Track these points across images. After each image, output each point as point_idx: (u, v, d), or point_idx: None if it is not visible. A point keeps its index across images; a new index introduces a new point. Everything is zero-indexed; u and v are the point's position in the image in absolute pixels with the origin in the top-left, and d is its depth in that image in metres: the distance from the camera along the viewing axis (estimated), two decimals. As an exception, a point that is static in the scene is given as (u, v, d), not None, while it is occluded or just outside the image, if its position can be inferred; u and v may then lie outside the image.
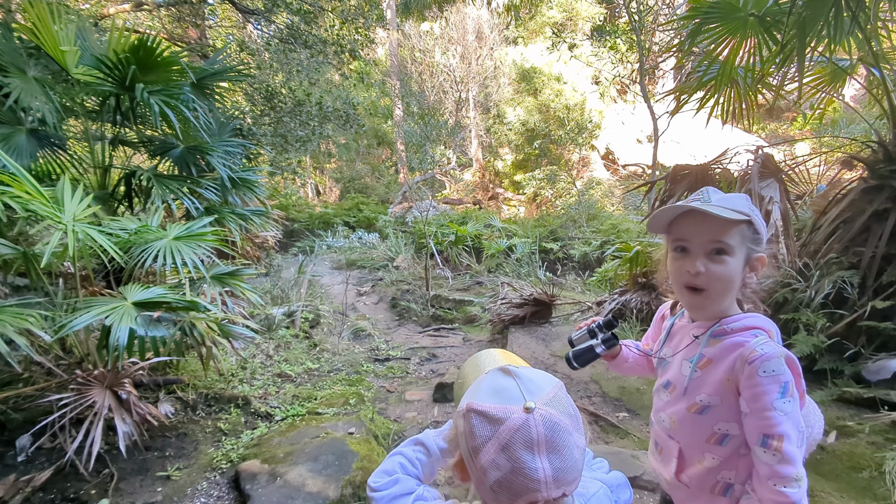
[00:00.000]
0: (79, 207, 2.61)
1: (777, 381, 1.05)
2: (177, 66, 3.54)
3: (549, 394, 0.75)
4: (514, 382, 0.76)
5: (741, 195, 1.14)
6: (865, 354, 3.20)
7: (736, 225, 1.09)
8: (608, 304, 5.04)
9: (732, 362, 1.10)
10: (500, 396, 0.75)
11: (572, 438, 0.72)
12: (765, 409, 1.05)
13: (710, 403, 1.15)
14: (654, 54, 14.30)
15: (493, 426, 0.72)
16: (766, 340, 1.10)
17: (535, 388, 0.75)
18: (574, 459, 0.71)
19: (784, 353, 1.07)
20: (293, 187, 16.63)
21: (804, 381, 1.12)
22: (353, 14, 8.11)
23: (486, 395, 0.76)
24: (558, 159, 15.96)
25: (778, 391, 1.04)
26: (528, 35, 17.67)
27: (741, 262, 1.12)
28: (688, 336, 1.23)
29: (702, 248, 1.12)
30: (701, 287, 1.13)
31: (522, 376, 0.77)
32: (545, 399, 0.73)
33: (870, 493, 2.35)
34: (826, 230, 3.61)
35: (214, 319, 3.01)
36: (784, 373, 1.05)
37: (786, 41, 3.42)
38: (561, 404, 0.74)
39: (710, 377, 1.15)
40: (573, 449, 0.71)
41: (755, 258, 1.14)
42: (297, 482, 2.55)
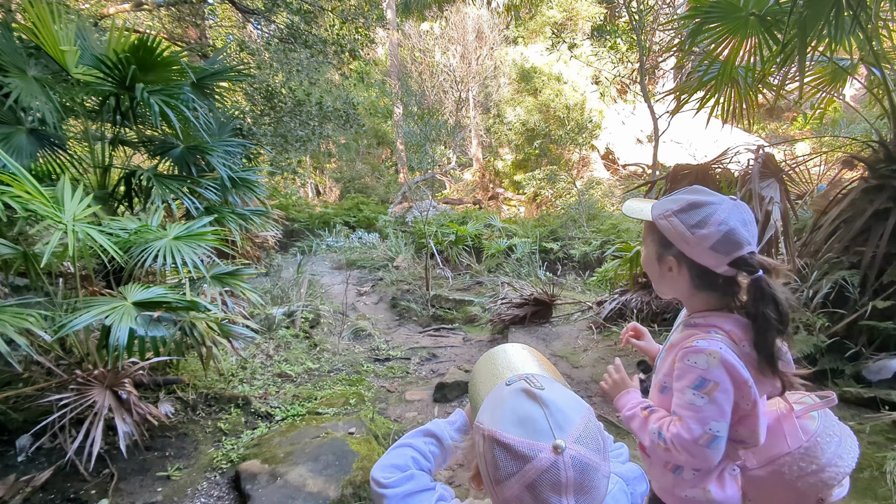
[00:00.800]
0: (79, 207, 2.61)
1: (694, 373, 1.11)
2: (177, 66, 3.54)
3: (579, 426, 0.69)
4: (542, 412, 0.70)
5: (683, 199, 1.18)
6: (866, 354, 3.19)
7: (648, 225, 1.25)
8: (608, 304, 5.04)
9: (678, 349, 1.19)
10: (525, 428, 0.69)
11: (600, 473, 0.69)
12: (678, 391, 1.15)
13: (666, 384, 1.24)
14: (655, 54, 14.30)
15: (518, 463, 0.67)
16: (717, 338, 1.13)
17: (564, 422, 0.69)
18: (600, 493, 0.69)
19: (719, 355, 1.09)
20: (293, 187, 16.62)
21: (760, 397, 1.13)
22: (353, 14, 8.11)
23: (510, 424, 0.70)
24: (558, 159, 15.95)
25: (693, 381, 1.12)
26: (528, 35, 17.66)
27: (651, 255, 1.26)
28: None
29: None
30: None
31: (550, 404, 0.71)
32: (575, 435, 0.68)
33: (871, 493, 2.35)
34: (826, 230, 3.61)
35: (214, 319, 3.01)
36: (706, 370, 1.10)
37: (786, 41, 3.42)
38: (591, 438, 0.69)
39: (667, 359, 1.25)
40: (600, 483, 0.69)
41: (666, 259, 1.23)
42: (297, 482, 2.55)
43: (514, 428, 0.69)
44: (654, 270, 1.27)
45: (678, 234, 1.15)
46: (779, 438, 1.22)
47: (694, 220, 1.13)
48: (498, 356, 0.94)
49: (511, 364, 0.91)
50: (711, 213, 1.13)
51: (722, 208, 1.13)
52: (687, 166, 4.20)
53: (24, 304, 2.43)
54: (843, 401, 3.05)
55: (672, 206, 1.17)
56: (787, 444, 1.21)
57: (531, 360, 0.92)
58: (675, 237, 1.16)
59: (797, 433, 1.21)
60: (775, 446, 1.22)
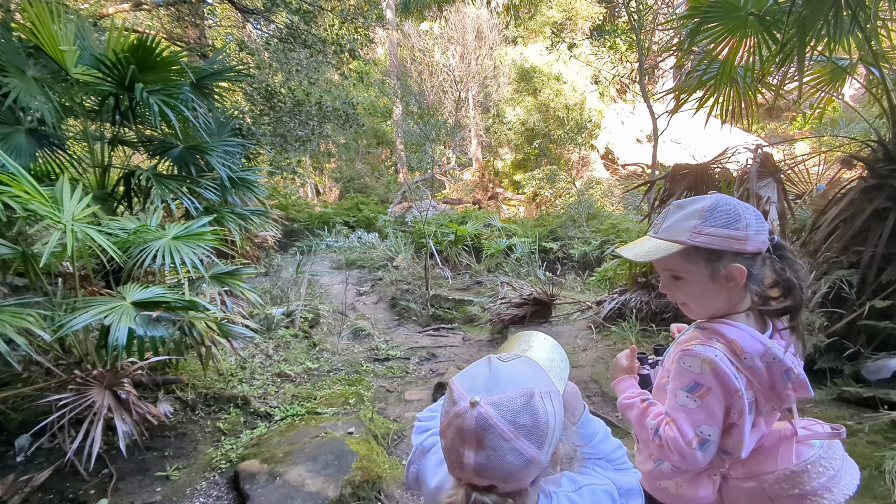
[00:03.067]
0: (78, 207, 2.61)
1: (687, 376, 1.12)
2: (176, 66, 3.54)
3: (505, 397, 0.76)
4: (485, 374, 0.81)
5: (696, 211, 1.14)
6: (865, 354, 3.19)
7: (678, 254, 1.14)
8: (608, 304, 5.04)
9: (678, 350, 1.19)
10: (467, 380, 0.81)
11: (508, 444, 0.74)
12: (672, 392, 1.17)
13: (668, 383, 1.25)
14: (654, 54, 14.30)
15: (449, 404, 0.80)
16: (715, 346, 1.12)
17: (494, 385, 0.78)
18: (504, 462, 0.74)
19: (712, 363, 1.09)
20: (293, 187, 16.60)
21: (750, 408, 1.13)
22: (353, 13, 8.10)
23: (464, 374, 0.84)
24: (558, 159, 15.95)
25: (686, 384, 1.12)
26: (528, 35, 17.65)
27: (702, 280, 1.16)
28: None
29: (662, 275, 1.25)
30: (676, 302, 1.26)
31: (496, 372, 0.81)
32: (495, 399, 0.76)
33: (869, 492, 2.35)
34: (825, 229, 3.61)
35: (214, 319, 3.01)
36: (700, 374, 1.10)
37: (785, 40, 3.42)
38: (511, 411, 0.75)
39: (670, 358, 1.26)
40: (506, 453, 0.74)
41: (723, 273, 1.13)
42: (296, 482, 2.55)
43: (463, 378, 0.83)
44: (709, 292, 1.17)
45: (723, 239, 1.11)
46: (770, 457, 1.20)
47: (724, 220, 1.12)
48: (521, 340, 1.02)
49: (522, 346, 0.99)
50: (724, 206, 1.13)
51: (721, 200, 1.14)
52: (686, 166, 4.20)
53: (24, 304, 2.42)
54: (842, 400, 3.05)
55: (694, 221, 1.13)
56: (776, 463, 1.18)
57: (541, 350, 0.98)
58: (723, 243, 1.11)
59: (790, 456, 1.18)
60: (762, 463, 1.20)
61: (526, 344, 0.99)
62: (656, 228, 1.21)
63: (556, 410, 0.80)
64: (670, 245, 1.14)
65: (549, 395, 0.80)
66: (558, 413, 0.80)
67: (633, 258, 1.22)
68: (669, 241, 1.15)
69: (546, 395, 0.79)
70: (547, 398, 0.79)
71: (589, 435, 1.02)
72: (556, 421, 0.79)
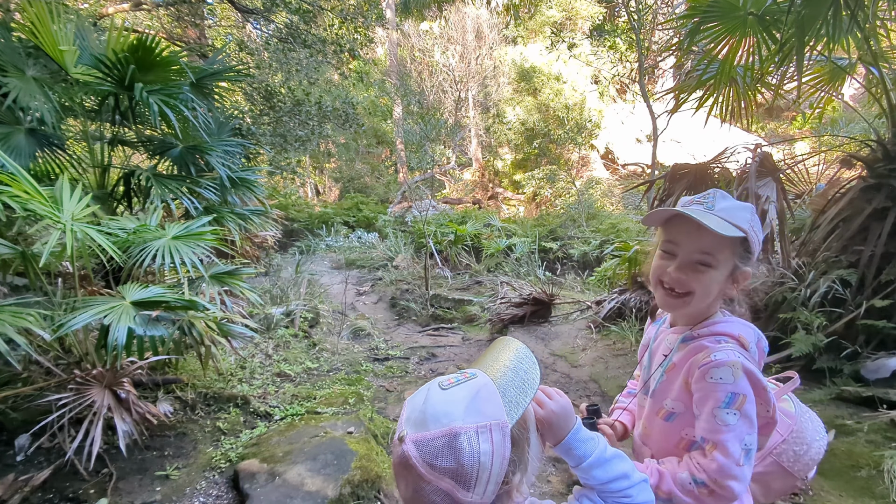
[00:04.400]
0: (77, 207, 2.61)
1: (723, 390, 1.03)
2: (176, 66, 3.54)
3: (427, 435, 0.72)
4: (420, 403, 0.78)
5: (748, 206, 1.12)
6: (864, 353, 3.20)
7: (729, 240, 1.07)
8: (607, 304, 5.05)
9: (689, 365, 1.10)
10: (409, 407, 0.80)
11: (429, 486, 0.71)
12: (708, 414, 1.04)
13: (674, 410, 1.14)
14: (654, 53, 14.30)
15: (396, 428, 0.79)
16: (729, 348, 1.07)
17: (421, 421, 0.75)
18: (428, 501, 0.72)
19: (740, 364, 1.04)
20: (292, 187, 16.59)
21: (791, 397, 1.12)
22: (353, 13, 8.10)
23: (412, 398, 0.82)
24: (558, 159, 15.94)
25: (723, 399, 1.02)
26: (528, 34, 17.65)
27: (724, 276, 1.11)
28: (664, 344, 1.24)
29: (688, 255, 1.12)
30: (677, 291, 1.14)
31: (430, 401, 0.76)
32: (417, 438, 0.73)
33: (868, 491, 2.36)
34: (825, 229, 3.61)
35: (213, 318, 3.01)
36: (734, 383, 1.02)
37: (785, 40, 3.42)
38: (430, 451, 0.71)
39: (674, 382, 1.14)
40: (428, 493, 0.72)
41: (740, 273, 1.12)
42: (295, 481, 2.55)
43: (409, 403, 0.81)
44: (718, 287, 1.13)
45: (759, 243, 1.11)
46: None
47: (760, 226, 1.12)
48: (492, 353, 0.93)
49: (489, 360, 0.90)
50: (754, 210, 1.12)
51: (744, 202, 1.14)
52: (686, 165, 4.20)
53: (23, 304, 2.42)
54: (842, 399, 3.06)
55: (749, 215, 1.10)
56: (778, 431, 1.18)
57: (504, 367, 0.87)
58: (757, 247, 1.11)
59: (783, 420, 1.19)
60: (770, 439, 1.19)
61: (493, 357, 0.90)
62: (708, 205, 1.11)
63: (496, 448, 0.73)
64: (733, 228, 1.06)
65: (489, 429, 0.73)
66: (498, 450, 0.73)
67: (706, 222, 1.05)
68: (732, 223, 1.07)
69: (483, 431, 0.72)
70: (484, 434, 0.72)
71: (579, 456, 0.92)
72: (491, 459, 0.72)
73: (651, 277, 1.21)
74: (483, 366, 0.87)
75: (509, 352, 0.90)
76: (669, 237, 1.16)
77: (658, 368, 1.22)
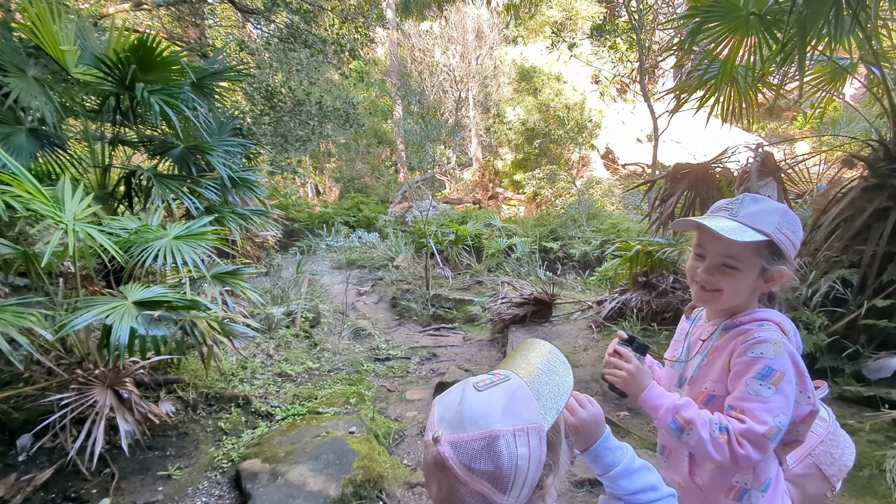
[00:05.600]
0: (79, 207, 2.61)
1: (760, 363, 1.05)
2: (176, 66, 3.54)
3: (465, 437, 0.70)
4: (456, 404, 0.75)
5: (776, 209, 1.14)
6: (865, 353, 3.20)
7: (753, 244, 1.10)
8: (608, 304, 5.04)
9: (733, 345, 1.13)
10: (441, 407, 0.77)
11: (466, 488, 0.69)
12: (741, 385, 1.06)
13: (714, 392, 1.15)
14: (654, 53, 14.29)
15: (427, 427, 0.77)
16: (773, 329, 1.11)
17: (457, 422, 0.72)
18: (463, 502, 0.70)
19: (783, 344, 1.06)
20: (293, 187, 16.60)
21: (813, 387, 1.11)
22: (353, 13, 8.10)
23: (443, 398, 0.79)
24: (558, 159, 15.94)
25: (758, 371, 1.04)
26: (528, 34, 17.64)
27: (752, 276, 1.15)
28: (703, 333, 1.26)
29: (714, 258, 1.17)
30: (709, 289, 1.19)
31: (466, 402, 0.74)
32: (454, 439, 0.70)
33: (871, 491, 2.35)
34: (826, 229, 3.61)
35: (215, 318, 3.01)
36: (773, 359, 1.04)
37: (786, 40, 3.42)
38: (469, 454, 0.69)
39: (715, 364, 1.17)
40: (463, 496, 0.70)
41: (771, 272, 1.15)
42: (297, 481, 2.55)
43: (440, 403, 0.78)
44: (749, 287, 1.17)
45: (790, 243, 1.14)
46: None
47: (794, 226, 1.14)
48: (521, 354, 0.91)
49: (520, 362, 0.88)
50: (791, 214, 1.14)
51: (787, 206, 1.16)
52: (687, 165, 4.20)
53: (25, 304, 2.42)
54: (843, 399, 3.06)
55: (777, 218, 1.13)
56: (816, 433, 1.20)
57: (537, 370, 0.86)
58: (788, 247, 1.13)
59: (818, 422, 1.21)
60: (807, 439, 1.20)
61: (526, 359, 0.88)
62: (732, 212, 1.17)
63: (533, 451, 0.72)
64: (755, 233, 1.10)
65: (526, 433, 0.72)
66: (535, 454, 0.72)
67: (718, 230, 1.10)
68: (754, 228, 1.11)
69: (521, 434, 0.71)
70: (521, 437, 0.71)
71: (607, 464, 0.92)
72: (529, 463, 0.71)
73: (688, 276, 1.28)
74: (513, 367, 0.85)
75: (541, 354, 0.89)
76: (699, 241, 1.23)
77: (698, 356, 1.24)
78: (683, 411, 1.06)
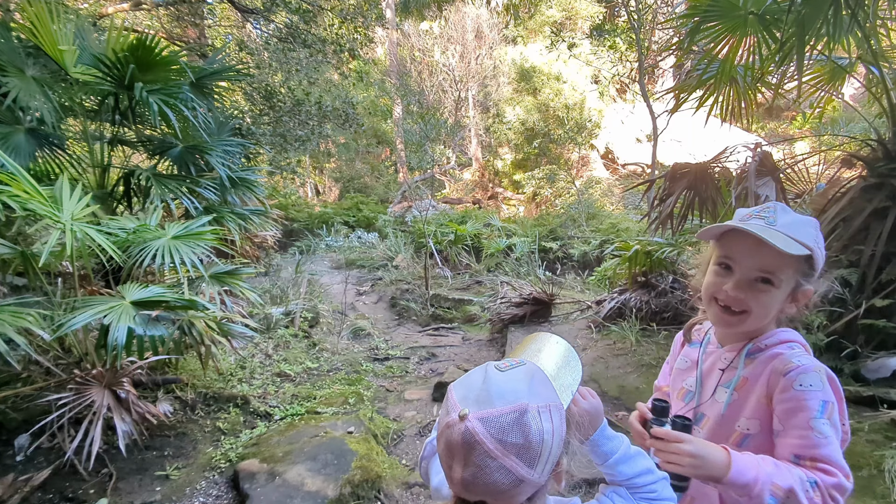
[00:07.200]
0: (77, 206, 2.61)
1: (815, 398, 0.94)
2: (176, 66, 3.54)
3: (495, 412, 0.71)
4: (480, 385, 0.75)
5: (811, 222, 1.06)
6: (864, 353, 3.19)
7: (794, 258, 1.00)
8: (608, 304, 5.04)
9: (768, 376, 1.02)
10: (463, 389, 0.77)
11: (495, 462, 0.69)
12: (800, 428, 0.94)
13: (749, 431, 1.04)
14: (654, 53, 14.30)
15: (444, 412, 0.76)
16: (803, 353, 1.03)
17: (485, 398, 0.73)
18: (492, 480, 0.70)
19: (824, 370, 0.98)
20: (292, 187, 16.59)
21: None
22: (353, 13, 8.10)
23: (461, 381, 0.80)
24: (558, 158, 15.93)
25: (817, 409, 0.93)
26: (528, 34, 17.64)
27: (785, 294, 1.05)
28: (720, 361, 1.14)
29: (748, 272, 1.05)
30: (735, 309, 1.07)
31: (492, 380, 0.75)
32: (484, 415, 0.71)
33: (869, 491, 2.35)
34: (825, 228, 3.60)
35: (213, 318, 3.01)
36: (823, 390, 0.95)
37: (785, 39, 3.42)
38: (499, 427, 0.70)
39: (748, 398, 1.06)
40: (493, 471, 0.69)
41: (801, 291, 1.06)
42: (295, 481, 2.55)
43: (458, 387, 0.78)
44: (778, 305, 1.06)
45: (823, 257, 1.05)
46: None
47: (823, 242, 1.06)
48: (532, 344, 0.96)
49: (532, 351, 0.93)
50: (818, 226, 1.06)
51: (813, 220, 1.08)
52: (686, 165, 4.20)
53: (23, 304, 2.42)
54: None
55: (816, 232, 1.04)
56: None
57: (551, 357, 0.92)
58: (821, 263, 1.05)
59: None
60: None
61: (536, 348, 0.92)
62: (769, 220, 1.04)
63: (556, 427, 0.74)
64: (798, 245, 0.99)
65: (549, 409, 0.74)
66: (557, 430, 0.74)
67: (770, 240, 0.97)
68: (796, 240, 1.00)
69: (544, 410, 0.73)
70: (545, 413, 0.73)
71: (605, 453, 0.94)
72: (553, 438, 0.73)
73: (704, 294, 1.13)
74: (526, 356, 0.88)
75: (552, 345, 0.94)
76: (727, 252, 1.09)
77: (720, 388, 1.12)
78: (778, 480, 0.89)
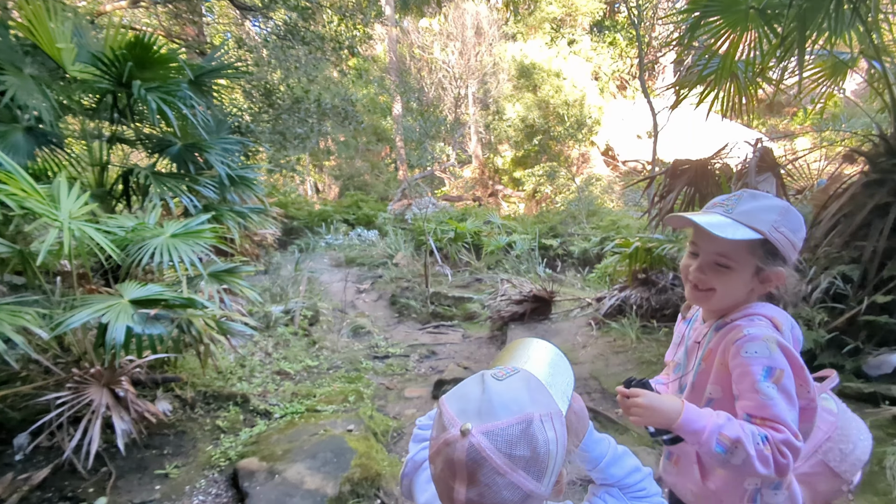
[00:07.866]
0: (75, 205, 2.59)
1: (759, 363, 1.02)
2: (174, 63, 3.52)
3: (500, 424, 0.66)
4: (479, 396, 0.71)
5: (775, 207, 1.11)
6: (866, 349, 3.18)
7: (746, 242, 1.08)
8: (608, 301, 5.03)
9: (725, 346, 1.11)
10: (458, 402, 0.72)
11: (504, 479, 0.65)
12: (749, 391, 1.03)
13: (712, 395, 1.14)
14: (654, 49, 14.26)
15: (438, 429, 0.71)
16: (763, 324, 1.08)
17: (487, 410, 0.68)
18: (500, 498, 0.66)
19: (775, 339, 1.04)
20: (292, 185, 16.60)
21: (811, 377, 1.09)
22: (352, 10, 8.08)
23: (454, 393, 0.75)
24: (558, 155, 15.92)
25: (760, 373, 1.02)
26: (527, 30, 17.60)
27: (746, 276, 1.13)
28: (699, 336, 1.24)
29: (707, 256, 1.15)
30: (700, 287, 1.18)
31: (492, 390, 0.71)
32: (488, 428, 0.66)
33: (871, 488, 2.34)
34: (826, 225, 3.59)
35: (212, 317, 3.00)
36: (769, 356, 1.02)
37: (786, 34, 3.40)
38: (507, 440, 0.65)
39: (712, 367, 1.16)
40: (501, 489, 0.65)
41: (768, 273, 1.12)
42: (295, 480, 2.54)
43: (452, 400, 0.73)
44: (743, 286, 1.14)
45: (789, 243, 1.10)
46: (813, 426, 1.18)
47: (794, 225, 1.11)
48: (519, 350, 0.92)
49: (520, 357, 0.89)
50: (794, 213, 1.11)
51: (790, 205, 1.12)
52: (686, 161, 4.18)
53: (21, 303, 2.41)
54: (843, 396, 3.02)
55: (774, 216, 1.09)
56: (822, 429, 1.16)
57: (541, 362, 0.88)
58: (787, 247, 1.10)
59: (825, 416, 1.17)
60: (813, 436, 1.17)
61: (524, 353, 0.88)
62: (727, 209, 1.13)
63: (559, 435, 0.70)
64: (748, 231, 1.07)
65: (551, 417, 0.70)
66: (560, 438, 0.70)
67: (706, 226, 1.07)
68: (748, 225, 1.08)
69: (547, 419, 0.69)
70: (548, 422, 0.69)
71: (596, 458, 0.92)
72: (557, 448, 0.69)
73: (682, 274, 1.26)
74: (514, 363, 0.84)
75: (539, 349, 0.90)
76: (693, 238, 1.20)
77: (694, 361, 1.23)
78: (727, 430, 0.98)
